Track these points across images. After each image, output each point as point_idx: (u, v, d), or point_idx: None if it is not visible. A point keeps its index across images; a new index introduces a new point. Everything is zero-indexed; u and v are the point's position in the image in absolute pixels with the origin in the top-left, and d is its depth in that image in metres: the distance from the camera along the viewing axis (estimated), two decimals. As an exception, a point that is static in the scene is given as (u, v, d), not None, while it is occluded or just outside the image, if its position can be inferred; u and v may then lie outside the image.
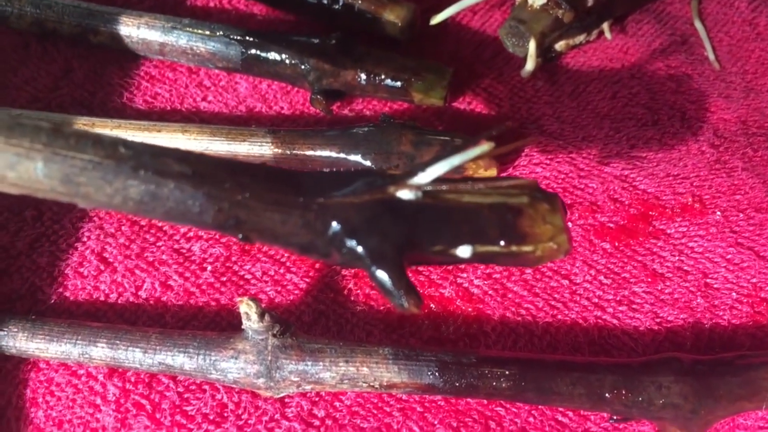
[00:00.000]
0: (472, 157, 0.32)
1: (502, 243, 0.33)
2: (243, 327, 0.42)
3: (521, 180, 0.34)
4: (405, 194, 0.32)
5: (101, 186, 0.30)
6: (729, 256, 0.47)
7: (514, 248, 0.33)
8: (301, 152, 0.50)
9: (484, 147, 0.32)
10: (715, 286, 0.47)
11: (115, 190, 0.30)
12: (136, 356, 0.43)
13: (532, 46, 0.53)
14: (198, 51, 0.56)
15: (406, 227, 0.32)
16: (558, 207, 0.34)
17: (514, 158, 0.52)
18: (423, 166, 0.33)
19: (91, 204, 0.32)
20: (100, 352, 0.43)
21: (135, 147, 0.31)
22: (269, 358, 0.42)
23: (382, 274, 0.32)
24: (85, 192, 0.31)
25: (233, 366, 0.42)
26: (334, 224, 0.32)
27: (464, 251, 0.33)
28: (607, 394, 0.40)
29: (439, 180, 0.33)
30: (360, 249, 0.32)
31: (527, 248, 0.33)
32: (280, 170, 0.33)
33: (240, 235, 0.33)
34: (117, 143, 0.30)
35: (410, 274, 0.32)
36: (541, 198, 0.34)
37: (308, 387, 0.42)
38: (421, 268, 0.48)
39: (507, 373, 0.41)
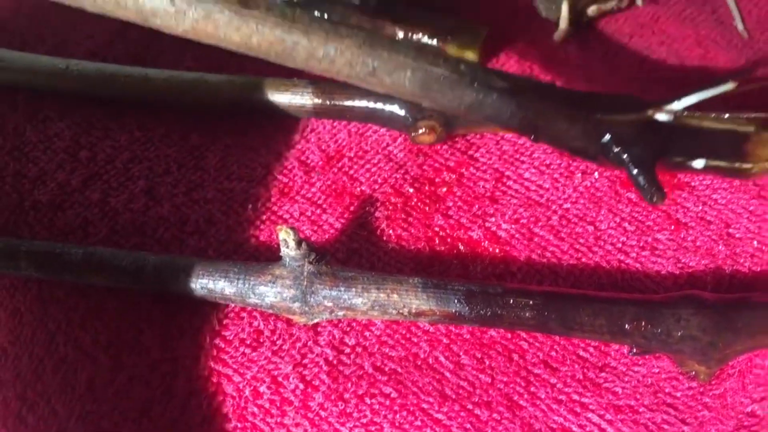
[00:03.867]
0: (717, 93, 0.44)
1: (728, 159, 0.44)
2: (281, 254, 0.44)
3: (753, 114, 0.45)
4: (662, 116, 0.44)
5: (446, 93, 0.41)
6: (752, 208, 0.48)
7: (737, 164, 0.44)
8: (340, 103, 0.52)
9: (729, 85, 0.44)
10: (737, 235, 0.48)
11: (455, 96, 0.41)
12: (180, 280, 0.46)
13: (564, 8, 0.56)
14: (245, 11, 0.59)
15: (660, 141, 0.43)
16: None
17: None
18: (678, 97, 0.44)
19: (434, 104, 0.43)
20: (147, 277, 0.46)
21: (470, 65, 0.41)
22: (305, 283, 0.44)
23: (639, 175, 0.43)
24: (434, 96, 0.41)
25: (271, 290, 0.44)
26: (607, 135, 0.43)
27: (699, 163, 0.44)
28: (627, 326, 0.42)
29: (688, 108, 0.44)
30: (625, 155, 0.43)
31: (747, 165, 0.44)
32: (571, 91, 0.45)
33: (532, 136, 0.44)
34: (459, 62, 0.41)
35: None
36: (765, 128, 0.44)
37: (341, 313, 0.45)
38: (450, 213, 0.50)
39: (531, 303, 0.43)
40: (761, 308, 0.42)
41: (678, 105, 0.44)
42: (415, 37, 0.55)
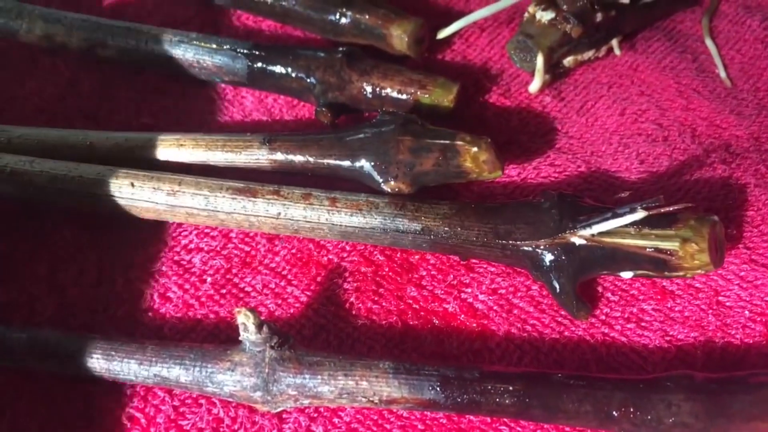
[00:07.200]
0: (627, 222, 0.42)
1: (656, 273, 0.43)
2: (240, 338, 0.41)
3: (678, 229, 0.42)
4: (577, 240, 0.43)
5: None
6: (742, 273, 0.46)
7: (666, 273, 0.43)
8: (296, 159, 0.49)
9: (641, 214, 0.41)
10: (728, 304, 0.45)
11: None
12: (131, 368, 0.42)
13: (539, 60, 0.53)
14: (204, 65, 0.56)
15: (578, 263, 0.43)
16: (705, 247, 0.41)
17: (521, 172, 0.51)
18: (591, 224, 0.42)
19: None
20: (96, 364, 0.42)
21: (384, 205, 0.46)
22: (266, 370, 0.41)
23: (560, 295, 0.44)
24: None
25: (229, 378, 0.41)
26: (526, 260, 0.44)
27: (626, 274, 0.44)
28: (614, 412, 0.39)
29: (602, 232, 0.42)
30: (544, 278, 0.44)
31: (678, 273, 0.42)
32: (486, 220, 0.45)
33: (460, 258, 0.47)
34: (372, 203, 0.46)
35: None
36: (691, 239, 0.41)
37: (306, 401, 0.41)
38: (424, 283, 0.47)
39: (511, 389, 0.40)
40: (757, 390, 0.39)
41: (589, 231, 0.42)
42: (383, 92, 0.52)
